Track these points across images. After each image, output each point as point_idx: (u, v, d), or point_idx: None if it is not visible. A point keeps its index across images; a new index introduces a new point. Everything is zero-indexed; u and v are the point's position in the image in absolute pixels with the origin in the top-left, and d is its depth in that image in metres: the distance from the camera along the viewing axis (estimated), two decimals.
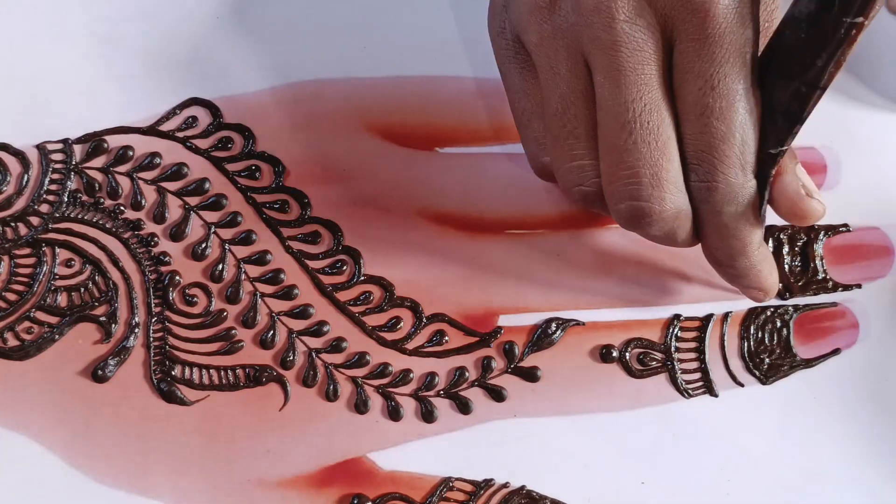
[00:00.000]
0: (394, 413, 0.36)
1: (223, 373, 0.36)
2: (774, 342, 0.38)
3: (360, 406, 0.36)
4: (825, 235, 0.39)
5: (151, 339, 0.36)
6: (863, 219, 0.39)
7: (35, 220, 0.37)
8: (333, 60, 0.40)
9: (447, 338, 0.37)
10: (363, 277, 0.37)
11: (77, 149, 0.38)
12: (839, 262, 0.39)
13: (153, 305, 0.36)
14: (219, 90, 0.39)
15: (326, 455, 0.35)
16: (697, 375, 0.37)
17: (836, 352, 0.38)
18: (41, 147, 0.37)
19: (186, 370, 0.36)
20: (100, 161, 0.38)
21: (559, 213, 0.39)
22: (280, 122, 0.39)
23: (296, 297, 0.37)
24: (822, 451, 0.36)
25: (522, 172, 0.38)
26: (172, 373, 0.36)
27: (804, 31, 0.29)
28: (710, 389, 0.37)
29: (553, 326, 0.37)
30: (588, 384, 0.37)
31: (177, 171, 0.38)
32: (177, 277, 0.37)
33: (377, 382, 0.36)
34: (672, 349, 0.37)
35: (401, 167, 0.39)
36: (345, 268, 0.37)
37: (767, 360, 0.37)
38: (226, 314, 0.36)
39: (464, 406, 0.36)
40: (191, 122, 0.38)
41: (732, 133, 0.30)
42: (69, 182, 0.37)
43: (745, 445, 0.36)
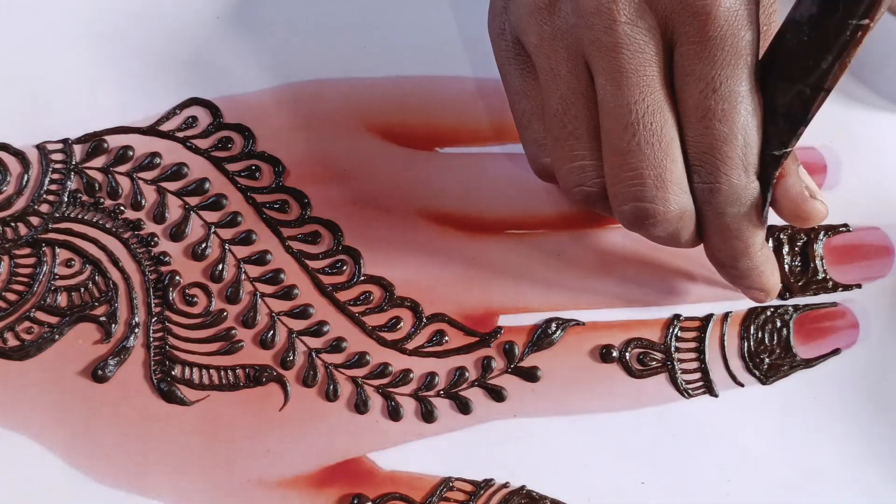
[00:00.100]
0: (394, 413, 0.36)
1: (223, 373, 0.36)
2: (774, 342, 0.38)
3: (360, 406, 0.36)
4: (825, 235, 0.39)
5: (151, 339, 0.36)
6: (863, 219, 0.39)
7: (35, 220, 0.37)
8: (333, 60, 0.40)
9: (447, 338, 0.37)
10: (363, 277, 0.37)
11: (77, 149, 0.38)
12: (839, 262, 0.39)
13: (153, 305, 0.36)
14: (219, 90, 0.39)
15: (326, 455, 0.35)
16: (697, 375, 0.37)
17: (836, 352, 0.38)
18: (41, 147, 0.38)
19: (186, 370, 0.36)
20: (100, 161, 0.38)
21: (559, 213, 0.39)
22: (280, 122, 0.39)
23: (296, 297, 0.37)
24: (822, 451, 0.36)
25: (522, 172, 0.38)
26: (172, 373, 0.36)
27: (806, 34, 0.29)
28: (710, 389, 0.37)
29: (553, 326, 0.37)
30: (588, 384, 0.37)
31: (177, 171, 0.38)
32: (177, 277, 0.37)
33: (377, 382, 0.36)
34: (672, 349, 0.37)
35: (401, 167, 0.39)
36: (345, 268, 0.37)
37: (767, 360, 0.37)
38: (226, 314, 0.36)
39: (464, 406, 0.36)
40: (191, 122, 0.38)
41: (735, 135, 0.30)
42: (69, 182, 0.37)
43: (745, 445, 0.36)
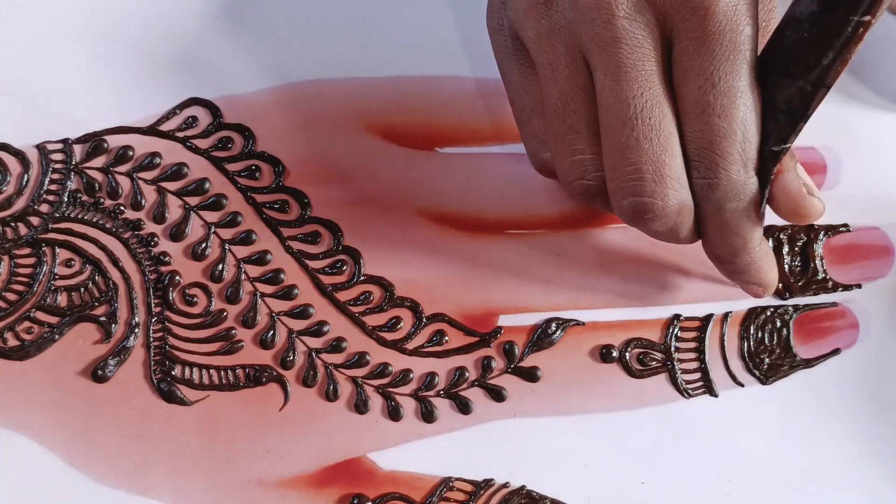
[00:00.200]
0: (394, 413, 0.36)
1: (223, 373, 0.36)
2: (774, 342, 0.38)
3: (360, 406, 0.36)
4: (825, 235, 0.39)
5: (151, 339, 0.36)
6: (863, 219, 0.39)
7: (35, 220, 0.37)
8: (333, 60, 0.40)
9: (447, 338, 0.37)
10: (363, 277, 0.37)
11: (77, 149, 0.38)
12: (839, 262, 0.39)
13: (153, 305, 0.36)
14: (219, 90, 0.39)
15: (326, 455, 0.35)
16: (697, 375, 0.37)
17: (836, 352, 0.38)
18: (41, 147, 0.37)
19: (186, 370, 0.36)
20: (100, 161, 0.38)
21: (559, 213, 0.39)
22: (280, 122, 0.39)
23: (296, 297, 0.37)
24: (822, 451, 0.36)
25: (522, 172, 0.38)
26: (172, 373, 0.36)
27: (806, 31, 0.29)
28: (710, 389, 0.37)
29: (553, 326, 0.37)
30: (588, 384, 0.37)
31: (177, 171, 0.38)
32: (177, 277, 0.37)
33: (377, 382, 0.36)
34: (672, 349, 0.37)
35: (401, 167, 0.39)
36: (345, 268, 0.37)
37: (767, 360, 0.37)
38: (226, 314, 0.36)
39: (464, 406, 0.36)
40: (191, 122, 0.38)
41: (734, 130, 0.30)
42: (69, 182, 0.37)
43: (745, 445, 0.36)
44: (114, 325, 0.36)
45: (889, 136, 0.41)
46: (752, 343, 0.38)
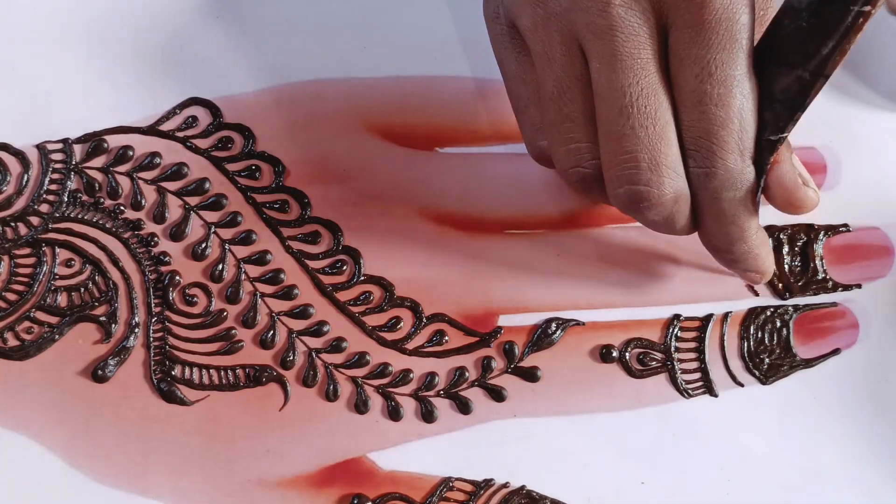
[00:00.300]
0: (394, 413, 0.36)
1: (223, 373, 0.36)
2: (774, 342, 0.38)
3: (360, 406, 0.36)
4: (825, 235, 0.39)
5: (151, 339, 0.36)
6: (863, 219, 0.39)
7: (35, 220, 0.37)
8: (333, 60, 0.40)
9: (447, 338, 0.37)
10: (363, 277, 0.37)
11: (77, 149, 0.38)
12: (839, 262, 0.39)
13: (153, 305, 0.36)
14: (219, 90, 0.39)
15: (326, 455, 0.35)
16: (697, 375, 0.37)
17: (836, 352, 0.38)
18: (41, 147, 0.37)
19: (186, 370, 0.36)
20: (100, 161, 0.38)
21: (559, 213, 0.39)
22: (280, 122, 0.39)
23: (296, 297, 0.37)
24: (822, 451, 0.36)
25: (522, 172, 0.38)
26: (172, 373, 0.36)
27: (805, 20, 0.29)
28: (710, 389, 0.37)
29: (553, 326, 0.37)
30: (588, 384, 0.37)
31: (177, 171, 0.38)
32: (177, 277, 0.37)
33: (377, 382, 0.36)
34: (672, 349, 0.37)
35: (401, 167, 0.39)
36: (345, 268, 0.37)
37: (767, 360, 0.37)
38: (226, 314, 0.36)
39: (464, 406, 0.36)
40: (191, 122, 0.38)
41: (731, 119, 0.30)
42: (69, 182, 0.37)
43: (745, 445, 0.36)
44: (114, 325, 0.36)
45: (889, 136, 0.40)
46: (752, 343, 0.38)
